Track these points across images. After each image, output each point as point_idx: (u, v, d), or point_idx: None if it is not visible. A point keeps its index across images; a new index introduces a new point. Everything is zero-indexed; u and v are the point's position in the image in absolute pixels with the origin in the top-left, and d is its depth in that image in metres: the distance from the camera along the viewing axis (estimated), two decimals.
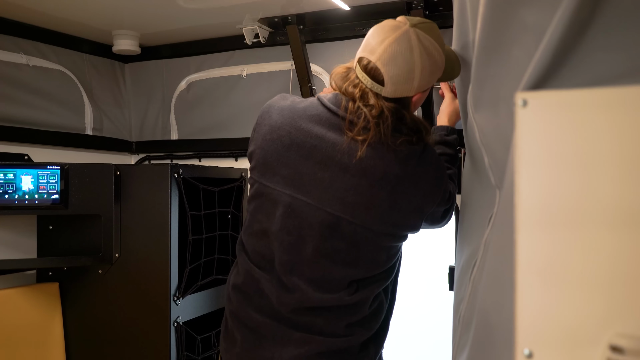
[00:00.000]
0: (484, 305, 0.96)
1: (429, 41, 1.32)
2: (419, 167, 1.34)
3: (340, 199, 1.31)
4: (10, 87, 2.18)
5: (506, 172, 0.92)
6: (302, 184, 1.34)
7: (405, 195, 1.33)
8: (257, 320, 1.41)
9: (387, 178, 1.31)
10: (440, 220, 1.47)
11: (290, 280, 1.37)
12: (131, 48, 2.34)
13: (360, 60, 1.34)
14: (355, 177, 1.31)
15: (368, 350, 1.43)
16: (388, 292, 1.49)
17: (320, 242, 1.34)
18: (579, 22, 0.72)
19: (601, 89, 0.58)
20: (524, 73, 0.80)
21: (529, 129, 0.60)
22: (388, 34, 1.32)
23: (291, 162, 1.35)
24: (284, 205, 1.36)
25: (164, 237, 2.01)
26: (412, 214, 1.36)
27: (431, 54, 1.32)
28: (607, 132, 0.57)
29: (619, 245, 0.56)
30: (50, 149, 2.33)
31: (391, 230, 1.36)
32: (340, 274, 1.36)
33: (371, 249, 1.36)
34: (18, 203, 2.00)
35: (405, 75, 1.30)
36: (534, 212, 0.60)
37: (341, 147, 1.31)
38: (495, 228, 0.97)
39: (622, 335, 0.55)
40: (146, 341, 2.06)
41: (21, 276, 2.22)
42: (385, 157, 1.31)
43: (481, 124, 1.07)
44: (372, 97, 1.31)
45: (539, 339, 0.59)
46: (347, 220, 1.32)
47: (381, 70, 1.30)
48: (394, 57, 1.29)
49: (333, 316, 1.38)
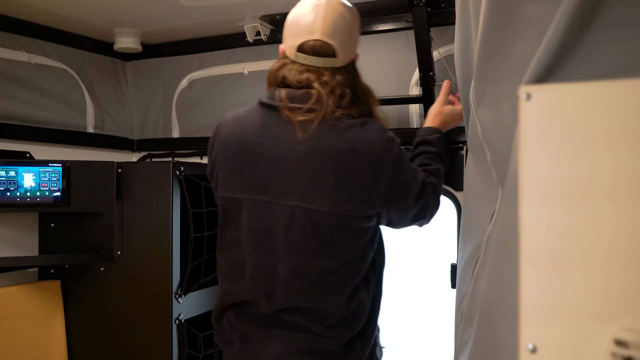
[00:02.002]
0: (486, 301, 0.96)
1: (347, 2, 1.43)
2: (359, 138, 1.32)
3: (293, 188, 1.32)
4: (12, 85, 2.19)
5: (509, 167, 0.91)
6: (257, 184, 1.36)
7: (349, 170, 1.31)
8: (245, 328, 1.42)
9: (330, 155, 1.31)
10: (412, 205, 1.40)
11: (266, 283, 1.37)
12: (132, 46, 2.34)
13: (301, 47, 1.37)
14: (300, 163, 1.32)
15: (354, 350, 1.40)
16: (370, 291, 1.44)
17: (284, 237, 1.34)
18: (582, 16, 0.72)
19: (605, 82, 0.58)
20: (527, 68, 0.80)
21: (533, 123, 0.60)
22: (316, 11, 1.37)
23: (244, 166, 1.38)
24: (247, 209, 1.38)
25: (165, 235, 2.01)
26: (363, 189, 1.32)
27: (350, 9, 1.42)
28: (611, 125, 0.57)
29: (624, 243, 0.56)
30: (52, 147, 2.33)
31: (346, 208, 1.32)
32: (308, 266, 1.34)
33: (332, 234, 1.33)
34: (20, 201, 2.00)
35: (349, 37, 1.39)
36: (538, 206, 0.60)
37: (285, 139, 1.34)
38: (498, 224, 0.97)
39: (626, 329, 0.55)
40: (148, 339, 2.06)
41: (23, 274, 2.23)
42: (326, 135, 1.32)
43: (483, 120, 1.07)
44: (327, 74, 1.36)
45: (543, 334, 0.59)
46: (303, 208, 1.32)
47: (330, 42, 1.35)
48: (334, 26, 1.36)
49: (311, 316, 1.36)
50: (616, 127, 0.57)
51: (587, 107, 0.58)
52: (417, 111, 2.11)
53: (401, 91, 2.11)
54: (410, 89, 2.10)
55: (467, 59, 1.33)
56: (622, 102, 0.57)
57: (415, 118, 2.12)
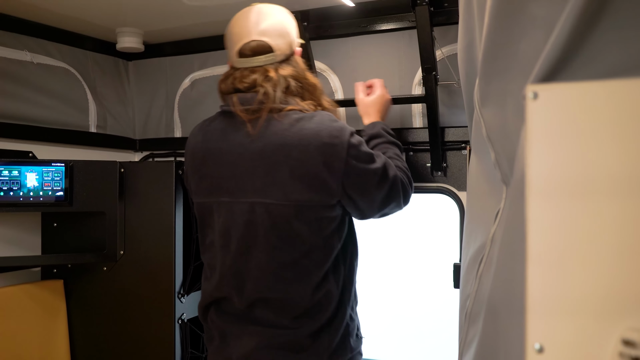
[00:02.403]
0: (492, 301, 0.96)
1: (274, 4, 1.53)
2: (307, 130, 1.39)
3: (251, 186, 1.40)
4: (15, 85, 2.19)
5: (514, 167, 0.91)
6: (221, 187, 1.46)
7: (301, 162, 1.37)
8: (223, 324, 1.50)
9: (281, 150, 1.38)
10: (376, 190, 1.44)
11: (235, 279, 1.45)
12: (135, 45, 2.34)
13: (240, 51, 1.47)
14: (255, 160, 1.41)
15: (321, 340, 1.44)
16: (339, 281, 1.48)
17: (247, 233, 1.41)
18: (589, 15, 0.72)
19: (613, 81, 0.58)
20: (533, 67, 0.80)
21: (540, 122, 0.60)
22: (246, 17, 1.49)
23: (209, 172, 1.49)
24: (216, 212, 1.48)
25: (168, 234, 2.01)
26: (318, 179, 1.37)
27: (276, 8, 1.52)
28: (618, 124, 0.57)
29: (631, 241, 0.56)
30: (55, 147, 2.33)
31: (302, 200, 1.37)
32: (271, 259, 1.41)
33: (291, 226, 1.39)
34: (23, 200, 2.00)
35: (282, 31, 1.48)
36: (545, 204, 0.60)
37: (240, 140, 1.43)
38: (503, 223, 0.97)
39: (634, 329, 0.55)
40: (151, 338, 2.06)
41: (26, 273, 2.23)
42: (277, 130, 1.40)
43: (488, 119, 1.06)
44: (271, 71, 1.44)
45: (550, 333, 0.59)
46: (260, 203, 1.39)
47: (263, 39, 1.45)
48: (264, 24, 1.46)
49: (280, 308, 1.42)
50: (623, 126, 0.57)
51: (594, 105, 0.58)
52: (419, 111, 2.11)
53: (404, 91, 2.11)
54: (413, 88, 2.10)
55: (471, 58, 1.33)
56: (629, 101, 0.56)
57: (418, 118, 2.12)
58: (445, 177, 2.07)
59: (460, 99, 1.89)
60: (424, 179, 2.10)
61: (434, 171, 2.08)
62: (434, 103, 1.95)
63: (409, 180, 1.57)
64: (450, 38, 1.96)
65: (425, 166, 2.10)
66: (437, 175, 2.08)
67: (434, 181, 2.09)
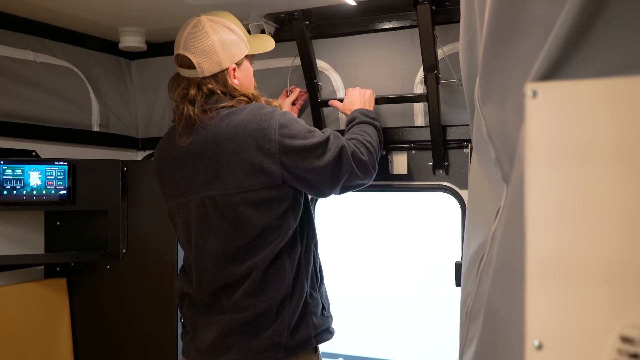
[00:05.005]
0: (492, 298, 0.96)
1: (220, 21, 1.56)
2: (237, 120, 1.46)
3: (198, 182, 1.50)
4: (18, 84, 2.20)
5: (514, 165, 0.91)
6: (178, 190, 1.57)
7: (235, 150, 1.44)
8: (194, 316, 1.59)
9: (216, 144, 1.46)
10: (320, 163, 1.47)
11: (196, 272, 1.54)
12: (137, 45, 2.34)
13: (175, 58, 1.59)
14: (197, 159, 1.50)
15: (282, 319, 1.49)
16: (295, 260, 1.53)
17: (201, 226, 1.50)
18: (588, 14, 0.72)
19: (612, 79, 0.58)
20: (532, 66, 0.80)
21: (539, 120, 0.60)
22: (183, 28, 1.57)
23: (167, 178, 1.60)
24: (178, 213, 1.59)
25: (171, 233, 2.02)
26: (254, 162, 1.43)
27: (225, 29, 1.56)
28: (618, 122, 0.57)
29: (630, 238, 0.56)
30: (58, 145, 2.34)
31: (244, 185, 1.44)
32: (224, 246, 1.48)
33: (237, 212, 1.46)
34: (26, 199, 2.01)
35: (208, 50, 1.52)
36: (544, 204, 0.60)
37: (182, 144, 1.53)
38: (503, 221, 0.97)
39: (632, 325, 0.55)
40: (154, 336, 2.07)
41: (29, 272, 2.24)
42: (211, 127, 1.48)
43: (488, 117, 1.07)
44: (193, 88, 1.53)
45: (549, 330, 0.59)
46: (208, 197, 1.48)
47: (188, 56, 1.53)
48: (190, 41, 1.53)
49: (233, 292, 1.49)
50: (625, 125, 0.57)
51: (595, 104, 0.59)
52: (421, 110, 2.11)
53: (406, 90, 2.11)
54: (415, 87, 2.10)
55: (472, 56, 1.33)
56: (627, 99, 0.57)
57: (419, 116, 2.12)
58: (447, 175, 2.07)
59: (461, 97, 1.89)
60: (425, 177, 2.11)
61: (436, 169, 2.08)
62: (436, 102, 1.95)
63: (369, 150, 1.60)
64: (452, 37, 1.96)
65: (427, 165, 2.10)
66: (439, 173, 2.08)
67: (436, 180, 2.10)
